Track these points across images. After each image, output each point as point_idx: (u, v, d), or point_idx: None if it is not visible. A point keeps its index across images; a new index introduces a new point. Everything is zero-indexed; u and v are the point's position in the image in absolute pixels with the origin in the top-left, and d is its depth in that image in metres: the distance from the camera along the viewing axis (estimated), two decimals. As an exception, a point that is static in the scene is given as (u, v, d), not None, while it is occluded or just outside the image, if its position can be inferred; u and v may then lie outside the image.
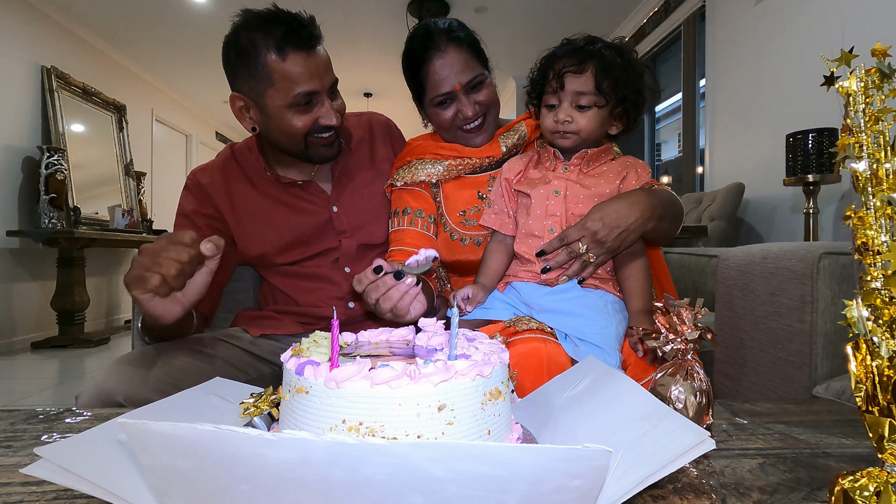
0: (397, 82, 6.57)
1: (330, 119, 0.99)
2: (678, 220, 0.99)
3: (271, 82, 0.94)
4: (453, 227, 1.08)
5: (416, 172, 1.08)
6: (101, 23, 4.40)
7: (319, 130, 1.00)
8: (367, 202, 1.13)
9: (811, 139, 2.19)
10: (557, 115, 0.89)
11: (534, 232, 0.92)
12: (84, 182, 4.23)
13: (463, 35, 1.04)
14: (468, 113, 1.04)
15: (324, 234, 1.10)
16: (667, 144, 4.80)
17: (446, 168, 1.08)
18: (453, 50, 1.02)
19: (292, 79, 0.93)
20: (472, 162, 1.08)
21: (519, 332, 0.84)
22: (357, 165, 1.16)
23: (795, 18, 2.66)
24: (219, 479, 0.35)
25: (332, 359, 0.44)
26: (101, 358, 3.46)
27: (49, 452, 0.41)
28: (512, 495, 0.34)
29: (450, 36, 1.03)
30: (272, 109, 0.96)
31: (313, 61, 0.95)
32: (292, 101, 0.95)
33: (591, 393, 0.59)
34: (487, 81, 1.06)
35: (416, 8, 4.17)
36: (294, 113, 0.96)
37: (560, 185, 0.92)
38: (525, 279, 0.93)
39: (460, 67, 1.02)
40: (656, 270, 1.08)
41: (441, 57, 1.02)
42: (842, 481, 0.41)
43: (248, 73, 0.96)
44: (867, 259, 0.40)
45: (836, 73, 0.42)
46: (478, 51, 1.06)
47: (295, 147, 1.01)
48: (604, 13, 4.44)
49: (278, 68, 0.93)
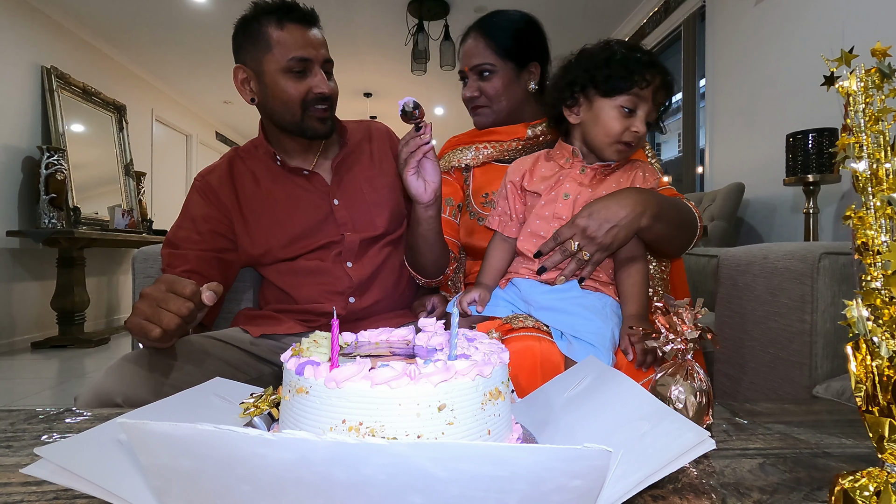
0: (398, 82, 6.58)
1: (322, 87, 1.05)
2: (686, 228, 0.97)
3: (269, 48, 1.03)
4: (474, 207, 1.15)
5: (451, 160, 1.20)
6: (101, 23, 4.40)
7: (315, 101, 1.05)
8: (365, 195, 1.15)
9: (811, 139, 2.19)
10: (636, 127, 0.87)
11: (539, 232, 0.92)
12: (84, 182, 4.23)
13: (491, 26, 1.15)
14: (466, 94, 1.19)
15: (325, 227, 1.12)
16: (667, 144, 4.80)
17: (474, 151, 1.18)
18: (474, 36, 1.16)
19: (288, 44, 1.02)
20: (499, 146, 1.17)
21: (515, 329, 0.85)
22: (355, 160, 1.19)
23: (795, 18, 2.65)
24: (219, 479, 0.35)
25: (332, 359, 0.44)
26: (101, 358, 3.46)
27: (49, 452, 0.41)
28: (512, 495, 0.34)
29: (480, 23, 1.17)
30: (269, 75, 1.04)
31: (309, 34, 1.05)
32: (286, 66, 1.02)
33: (591, 393, 0.59)
34: (498, 74, 1.15)
35: (416, 8, 4.16)
36: (289, 79, 1.03)
37: (571, 188, 0.93)
38: (526, 276, 0.93)
39: (472, 52, 1.15)
40: (675, 282, 1.09)
41: (466, 40, 1.18)
42: (842, 481, 0.41)
43: (250, 43, 1.05)
44: (867, 259, 0.40)
45: (836, 73, 0.42)
46: (506, 45, 1.14)
47: (291, 117, 1.06)
48: (604, 13, 4.43)
49: (276, 35, 1.02)
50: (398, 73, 5.29)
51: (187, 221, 1.09)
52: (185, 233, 1.08)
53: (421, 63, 4.39)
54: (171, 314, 0.75)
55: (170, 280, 0.79)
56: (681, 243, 0.99)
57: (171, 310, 0.76)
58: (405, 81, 5.41)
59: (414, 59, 4.39)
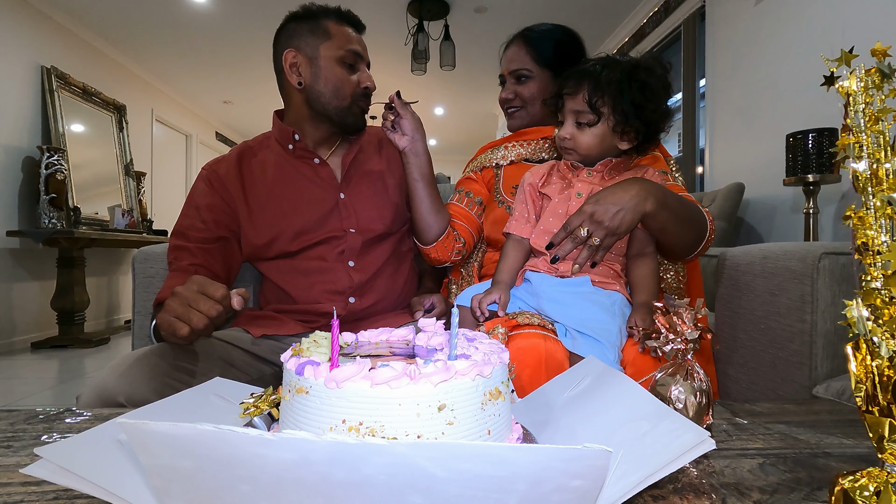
0: (398, 82, 6.55)
1: (370, 83, 1.15)
2: (695, 225, 0.97)
3: (329, 36, 1.11)
4: (504, 196, 1.20)
5: (482, 161, 1.28)
6: (101, 23, 4.40)
7: (362, 95, 1.14)
8: (372, 193, 1.18)
9: (811, 139, 2.19)
10: (560, 133, 0.97)
11: (552, 230, 0.96)
12: (84, 182, 4.23)
13: (533, 35, 1.24)
14: (503, 95, 1.27)
15: (330, 221, 1.13)
16: (667, 144, 4.78)
17: (504, 150, 1.25)
18: (517, 43, 1.25)
19: (347, 37, 1.13)
20: (528, 145, 1.24)
21: (520, 325, 0.86)
22: (366, 159, 1.22)
23: (795, 18, 2.65)
24: (219, 479, 0.35)
25: (332, 359, 0.44)
26: (101, 358, 3.46)
27: (49, 452, 0.41)
28: (512, 495, 0.34)
29: (523, 33, 1.26)
30: (325, 60, 1.11)
31: (359, 37, 1.16)
32: (342, 56, 1.11)
33: (592, 393, 0.59)
34: (535, 79, 1.23)
35: (416, 8, 4.16)
36: (343, 68, 1.12)
37: (584, 187, 0.97)
38: (542, 269, 0.96)
39: (513, 58, 1.24)
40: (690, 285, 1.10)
41: (509, 46, 1.27)
42: (842, 481, 0.41)
43: (307, 31, 1.12)
44: (867, 259, 0.40)
45: (836, 73, 0.42)
46: (544, 53, 1.22)
47: (339, 101, 1.12)
48: (604, 13, 4.43)
49: (335, 28, 1.12)
50: (398, 73, 5.28)
51: (192, 210, 1.11)
52: (190, 221, 1.09)
53: (421, 63, 4.38)
54: (200, 314, 0.79)
55: (201, 282, 0.83)
56: (690, 241, 0.98)
57: (202, 310, 0.80)
58: (405, 81, 5.41)
59: (414, 59, 4.39)
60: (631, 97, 0.91)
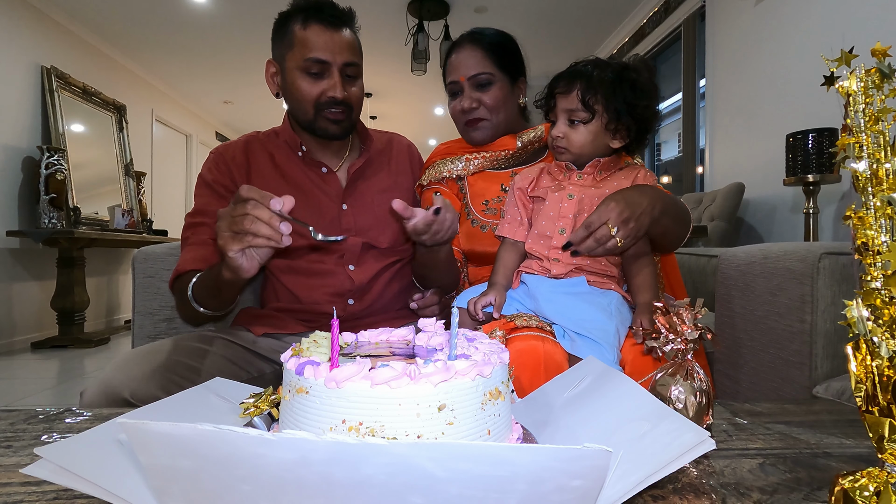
0: (398, 82, 6.55)
1: (335, 92, 1.04)
2: (683, 223, 0.99)
3: (291, 46, 1.04)
4: (476, 215, 1.15)
5: (440, 170, 1.18)
6: (101, 23, 4.40)
7: (328, 104, 1.06)
8: (375, 207, 1.15)
9: (811, 139, 2.19)
10: (553, 132, 0.96)
11: (546, 233, 0.96)
12: (84, 182, 4.23)
13: (487, 37, 1.14)
14: (465, 105, 1.13)
15: (330, 230, 1.12)
16: (667, 144, 4.80)
17: (464, 163, 1.17)
18: (469, 47, 1.13)
19: (307, 45, 1.03)
20: (488, 155, 1.16)
21: (519, 328, 0.86)
22: (373, 171, 1.19)
23: (795, 18, 2.65)
24: (219, 479, 0.35)
25: (332, 359, 0.44)
26: (101, 358, 3.46)
27: (49, 452, 0.41)
28: (512, 495, 0.34)
29: (471, 36, 1.15)
30: (288, 72, 1.06)
31: (331, 36, 1.04)
32: (303, 66, 1.03)
33: (592, 393, 0.59)
34: (497, 84, 1.13)
35: (416, 8, 4.16)
36: (304, 78, 1.04)
37: (574, 190, 0.97)
38: (534, 271, 0.96)
39: (469, 63, 1.12)
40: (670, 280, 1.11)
41: (458, 51, 1.15)
42: (842, 481, 0.41)
43: (278, 39, 1.07)
44: (867, 259, 0.40)
45: (836, 73, 0.42)
46: (501, 56, 1.13)
47: (304, 115, 1.08)
48: (604, 13, 4.43)
49: (299, 34, 1.04)
50: (398, 74, 5.28)
51: (205, 189, 1.10)
52: (206, 199, 1.08)
53: (421, 63, 4.39)
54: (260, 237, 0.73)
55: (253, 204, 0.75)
56: (677, 238, 1.01)
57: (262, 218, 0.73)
58: (405, 81, 5.40)
59: (414, 59, 4.39)
60: (623, 95, 0.92)
